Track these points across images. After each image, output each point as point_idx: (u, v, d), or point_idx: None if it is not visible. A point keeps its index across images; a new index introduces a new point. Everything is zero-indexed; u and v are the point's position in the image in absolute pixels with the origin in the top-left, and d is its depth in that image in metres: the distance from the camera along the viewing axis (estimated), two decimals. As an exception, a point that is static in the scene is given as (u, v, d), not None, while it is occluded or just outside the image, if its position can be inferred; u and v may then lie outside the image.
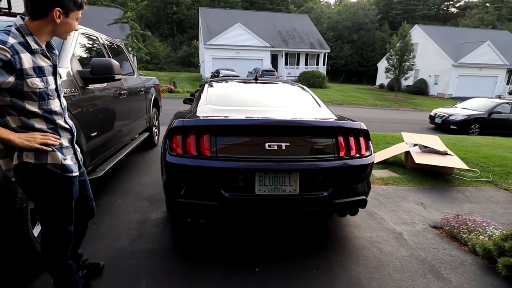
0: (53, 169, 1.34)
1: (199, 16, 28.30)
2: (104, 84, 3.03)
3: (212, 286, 1.86)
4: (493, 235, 2.41)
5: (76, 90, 2.48)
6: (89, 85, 2.70)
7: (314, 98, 2.97)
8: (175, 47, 41.33)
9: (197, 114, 2.37)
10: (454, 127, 10.07)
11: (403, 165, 4.78)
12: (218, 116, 2.18)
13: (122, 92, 3.55)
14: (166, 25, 45.30)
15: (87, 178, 1.73)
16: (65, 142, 1.41)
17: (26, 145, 1.25)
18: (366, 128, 2.28)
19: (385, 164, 4.80)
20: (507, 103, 10.68)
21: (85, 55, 3.05)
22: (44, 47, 1.31)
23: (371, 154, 2.27)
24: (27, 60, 1.21)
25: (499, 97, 22.01)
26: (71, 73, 2.50)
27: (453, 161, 4.26)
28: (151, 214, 2.76)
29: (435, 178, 4.20)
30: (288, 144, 2.04)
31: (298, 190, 2.03)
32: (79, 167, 1.53)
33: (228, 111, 2.38)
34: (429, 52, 25.76)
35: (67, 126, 1.42)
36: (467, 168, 4.30)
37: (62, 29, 1.32)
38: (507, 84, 26.26)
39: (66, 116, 1.45)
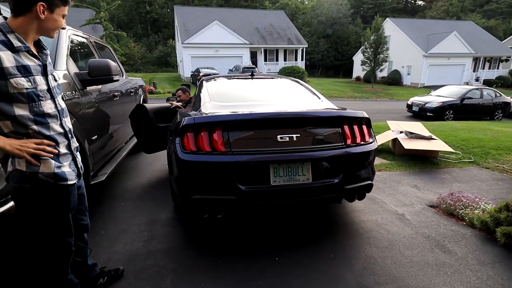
0: (45, 179, 1.26)
1: (175, 15, 27.71)
2: (99, 86, 2.95)
3: (237, 277, 1.89)
4: (486, 209, 2.61)
5: (76, 93, 2.41)
6: (87, 87, 2.63)
7: (313, 92, 3.05)
8: (150, 47, 40.23)
9: (203, 111, 2.37)
10: (431, 114, 10.60)
11: (391, 152, 5.00)
12: (229, 112, 2.20)
13: (116, 93, 3.47)
14: (140, 24, 43.96)
15: (85, 192, 1.61)
16: (62, 149, 1.33)
17: (17, 153, 1.18)
18: (368, 117, 2.39)
19: (375, 152, 5.00)
20: (477, 89, 11.39)
21: (78, 56, 2.95)
22: (30, 45, 1.23)
23: (374, 141, 2.39)
24: (7, 59, 1.13)
25: (467, 84, 23.39)
26: (69, 75, 2.43)
27: (438, 145, 4.52)
28: (159, 215, 2.74)
29: (423, 162, 4.44)
30: (299, 135, 2.11)
31: (311, 178, 2.10)
32: (79, 175, 1.44)
33: (235, 106, 2.41)
34: (401, 44, 26.82)
35: (62, 130, 1.33)
36: (451, 150, 4.58)
37: (47, 25, 1.25)
38: (474, 71, 27.89)
39: (65, 119, 1.37)
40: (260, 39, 26.82)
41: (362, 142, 2.29)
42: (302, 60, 28.33)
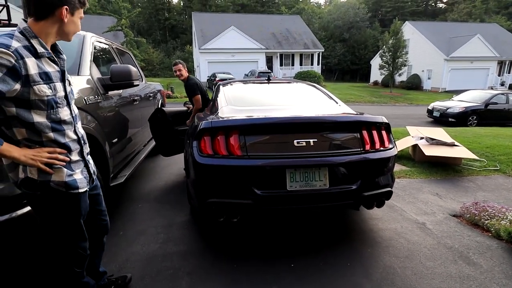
0: (56, 187, 1.26)
1: (193, 21, 28.33)
2: (120, 91, 3.05)
3: (252, 282, 1.88)
4: (516, 220, 2.47)
5: (99, 97, 2.49)
6: (109, 92, 2.72)
7: (331, 96, 3.02)
8: (168, 52, 41.25)
9: (220, 115, 2.40)
10: (453, 120, 10.22)
11: (411, 158, 4.85)
12: (245, 116, 2.21)
13: (136, 98, 3.57)
14: (159, 31, 45.24)
15: (101, 192, 1.61)
16: (74, 156, 1.31)
17: (31, 164, 1.17)
18: (388, 122, 2.34)
19: (394, 158, 4.87)
20: (502, 93, 10.88)
21: (101, 62, 3.06)
22: (50, 50, 1.22)
23: (393, 147, 2.32)
24: (32, 66, 1.11)
25: (492, 88, 22.42)
26: (92, 80, 2.52)
27: (462, 152, 4.34)
28: (175, 218, 2.78)
29: (445, 169, 4.28)
30: (316, 140, 2.09)
31: (328, 184, 2.07)
32: (92, 181, 1.44)
33: (252, 111, 2.42)
34: (421, 48, 26.13)
35: (76, 137, 1.33)
36: (475, 157, 4.39)
37: (68, 29, 1.24)
38: (499, 75, 26.72)
39: (78, 125, 1.37)
40: (276, 44, 26.92)
41: (381, 148, 2.24)
42: (318, 64, 28.17)
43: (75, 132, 1.33)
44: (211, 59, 24.34)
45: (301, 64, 27.98)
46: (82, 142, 1.38)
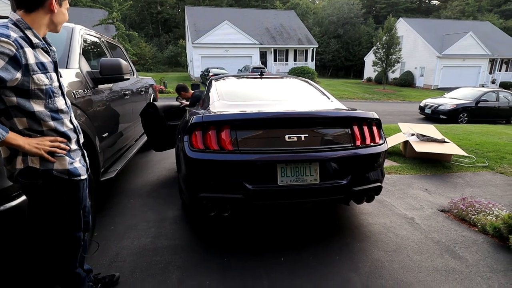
0: (60, 175, 1.28)
1: (186, 15, 27.96)
2: (111, 85, 3.00)
3: (243, 276, 1.90)
4: (500, 215, 2.53)
5: (88, 91, 2.45)
6: (99, 86, 2.67)
7: (323, 92, 3.03)
8: (161, 47, 40.74)
9: (212, 110, 2.39)
10: (444, 117, 10.37)
11: (402, 154, 4.91)
12: (237, 111, 2.20)
13: (127, 92, 3.52)
14: (151, 25, 44.54)
15: (87, 188, 1.58)
16: (73, 145, 1.35)
17: (35, 152, 1.19)
18: (378, 117, 2.36)
19: (385, 154, 4.93)
20: (493, 91, 11.07)
21: (91, 55, 3.01)
22: (43, 41, 1.25)
23: (384, 142, 2.35)
24: (30, 55, 1.14)
25: (483, 86, 22.78)
26: (81, 74, 2.48)
27: (451, 148, 4.42)
28: (167, 212, 2.77)
29: (435, 166, 4.35)
30: (307, 135, 2.09)
31: (319, 179, 2.08)
32: (87, 170, 1.46)
33: (243, 105, 2.41)
34: (414, 45, 26.33)
35: (72, 126, 1.36)
36: (464, 154, 4.47)
37: (58, 19, 1.27)
38: (490, 73, 27.13)
39: (72, 115, 1.39)
40: (270, 39, 26.79)
41: (372, 144, 2.26)
42: (312, 60, 28.16)
43: (71, 122, 1.37)
44: (205, 54, 24.12)
45: (295, 60, 27.94)
46: (78, 131, 1.41)
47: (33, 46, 1.18)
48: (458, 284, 1.84)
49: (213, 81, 3.19)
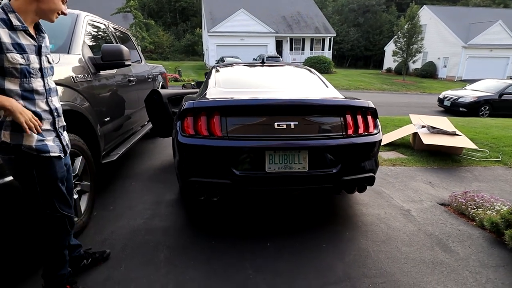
0: (28, 151, 1.33)
1: (202, 3, 27.84)
2: (114, 71, 3.08)
3: (227, 258, 1.95)
4: (501, 210, 2.44)
5: (89, 76, 2.53)
6: (101, 71, 2.75)
7: (322, 79, 2.98)
8: (178, 35, 40.91)
9: (207, 96, 2.41)
10: (464, 110, 9.93)
11: (411, 146, 4.78)
12: (228, 97, 2.22)
13: (131, 79, 3.60)
14: (169, 13, 44.71)
15: (71, 171, 1.65)
16: (45, 125, 1.39)
17: (18, 117, 1.24)
18: (374, 107, 2.30)
19: (393, 146, 4.82)
20: (519, 83, 10.43)
21: (95, 42, 3.09)
22: (29, 26, 1.31)
23: (378, 132, 2.30)
24: (4, 35, 1.21)
25: (511, 79, 21.45)
26: (83, 60, 2.56)
27: (461, 141, 4.25)
28: (165, 196, 2.86)
29: (444, 159, 4.21)
30: (297, 123, 2.08)
31: (307, 167, 2.08)
32: (64, 152, 1.50)
33: (237, 92, 2.42)
34: (438, 34, 25.04)
35: (48, 108, 1.40)
36: (476, 148, 4.28)
37: (45, 6, 1.32)
38: (519, 65, 25.48)
39: (52, 98, 1.43)
40: (286, 27, 26.29)
41: (365, 133, 2.22)
42: (329, 50, 27.48)
43: (47, 104, 1.41)
44: (220, 43, 24.05)
45: (311, 49, 27.35)
46: (56, 114, 1.45)
47: (13, 28, 1.25)
48: (444, 276, 1.81)
49: (213, 69, 3.21)
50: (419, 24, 20.82)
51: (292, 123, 2.07)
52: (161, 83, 5.38)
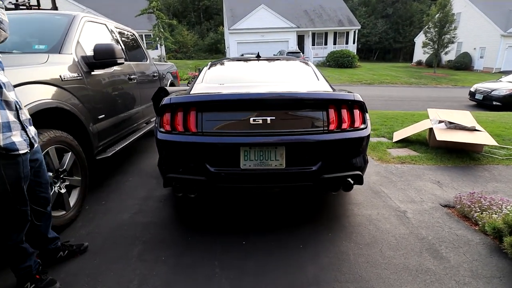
0: None
1: (223, 0, 28.02)
2: (112, 69, 3.17)
3: (198, 255, 1.93)
4: (510, 214, 2.18)
5: (80, 75, 2.61)
6: (94, 70, 2.83)
7: (315, 73, 2.84)
8: (202, 34, 41.54)
9: (191, 92, 2.40)
10: (498, 103, 9.12)
11: (426, 143, 4.46)
12: (206, 93, 2.18)
13: (132, 76, 3.69)
14: (193, 12, 45.53)
15: (43, 166, 1.65)
16: (11, 117, 1.38)
17: None
18: (362, 100, 2.15)
19: (406, 142, 4.53)
20: None
21: (92, 42, 3.19)
22: None
23: (366, 127, 2.14)
24: None
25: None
26: (75, 59, 2.64)
27: (480, 137, 3.88)
28: (155, 192, 2.90)
29: (460, 157, 3.88)
30: (274, 118, 2.00)
31: (285, 164, 1.99)
32: (31, 145, 1.49)
33: (220, 88, 2.38)
34: (474, 23, 23.17)
35: (8, 100, 1.38)
36: (496, 144, 3.89)
37: None
38: None
39: (8, 93, 1.40)
40: (308, 21, 25.70)
41: (350, 128, 2.08)
42: (354, 43, 26.47)
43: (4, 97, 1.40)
44: (241, 40, 24.09)
45: (335, 43, 26.52)
46: (18, 107, 1.45)
47: None
48: (425, 286, 1.64)
49: (206, 65, 3.19)
50: (451, 12, 19.38)
51: (268, 118, 1.99)
52: (170, 81, 5.48)
